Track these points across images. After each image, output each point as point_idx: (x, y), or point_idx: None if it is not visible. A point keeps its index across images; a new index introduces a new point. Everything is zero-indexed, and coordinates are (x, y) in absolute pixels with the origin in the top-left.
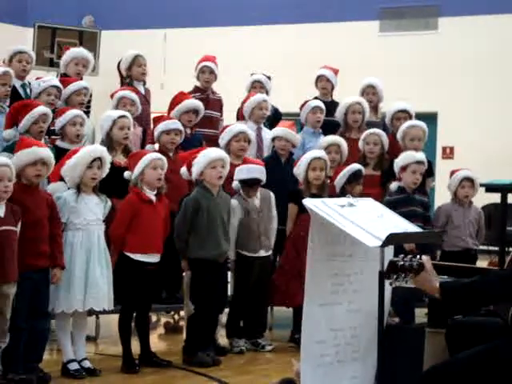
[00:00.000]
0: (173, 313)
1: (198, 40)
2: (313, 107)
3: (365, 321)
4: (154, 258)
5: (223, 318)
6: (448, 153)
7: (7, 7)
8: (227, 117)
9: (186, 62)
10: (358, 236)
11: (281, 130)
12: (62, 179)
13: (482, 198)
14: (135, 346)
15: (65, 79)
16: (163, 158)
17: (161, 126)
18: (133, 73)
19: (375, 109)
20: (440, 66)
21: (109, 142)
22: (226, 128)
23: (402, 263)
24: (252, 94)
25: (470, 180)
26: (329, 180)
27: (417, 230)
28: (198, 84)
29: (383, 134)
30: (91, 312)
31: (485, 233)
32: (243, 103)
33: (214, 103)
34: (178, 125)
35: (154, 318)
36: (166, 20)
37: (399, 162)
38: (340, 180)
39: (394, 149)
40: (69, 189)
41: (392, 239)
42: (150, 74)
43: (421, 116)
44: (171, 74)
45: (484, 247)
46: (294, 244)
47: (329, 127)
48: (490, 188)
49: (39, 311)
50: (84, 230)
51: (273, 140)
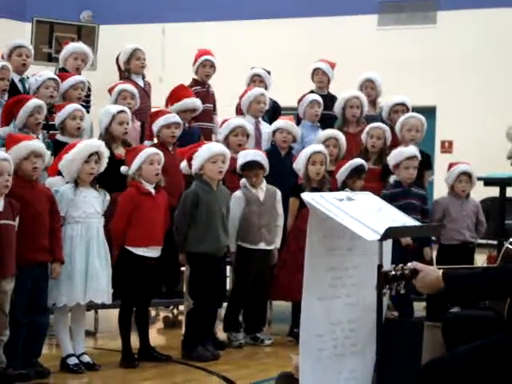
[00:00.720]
0: (172, 307)
1: (197, 34)
2: (310, 101)
3: (363, 314)
4: (154, 252)
5: (222, 312)
6: (447, 147)
7: (5, 2)
8: (226, 111)
9: (184, 57)
10: (357, 230)
11: (282, 122)
12: (60, 173)
13: (480, 192)
14: (134, 341)
15: (62, 74)
16: (160, 153)
17: (161, 121)
18: (131, 66)
19: (373, 103)
20: (439, 59)
21: (108, 136)
22: (224, 122)
23: (393, 273)
24: (250, 88)
25: (467, 174)
26: (329, 174)
27: (415, 223)
28: (196, 77)
29: (387, 128)
30: (90, 307)
31: (485, 225)
32: (241, 97)
33: (211, 97)
34: (177, 118)
35: (153, 312)
36: (165, 14)
37: (391, 160)
38: (341, 174)
39: (393, 143)
40: (67, 183)
41: (390, 233)
42: (148, 68)
43: (419, 110)
44: (170, 68)
45: (483, 241)
46: (296, 238)
47: (326, 121)
48: (488, 182)
49: (38, 306)
50: (83, 223)
51: (273, 133)
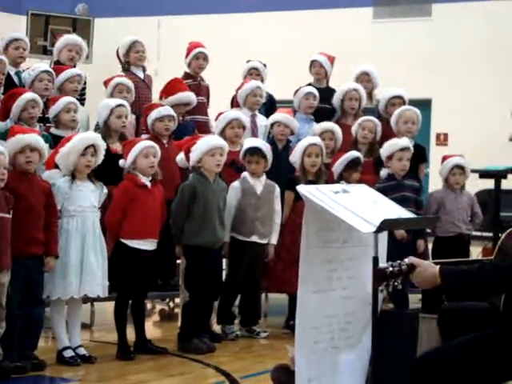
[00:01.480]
0: (168, 300)
1: (192, 27)
2: (306, 93)
3: (359, 307)
4: (150, 245)
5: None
6: (442, 139)
7: None
8: (222, 104)
9: (179, 50)
10: (352, 222)
11: (280, 115)
12: (57, 167)
13: (475, 184)
14: (130, 334)
15: (57, 67)
16: (155, 146)
17: (153, 114)
18: (130, 59)
19: (370, 96)
20: (434, 52)
21: (106, 130)
22: (220, 115)
23: (391, 270)
24: (246, 81)
25: (460, 167)
26: (325, 167)
27: (410, 215)
28: (188, 70)
29: (379, 123)
30: (86, 299)
31: (481, 217)
32: (237, 90)
33: (204, 90)
34: (171, 111)
35: (149, 305)
36: (160, 7)
37: (384, 151)
38: (338, 167)
39: (387, 135)
40: (63, 176)
41: (386, 225)
42: (147, 59)
43: (415, 103)
44: (165, 61)
45: (478, 233)
46: (291, 231)
47: (323, 114)
48: (483, 174)
49: (33, 298)
50: (79, 216)
51: (271, 126)
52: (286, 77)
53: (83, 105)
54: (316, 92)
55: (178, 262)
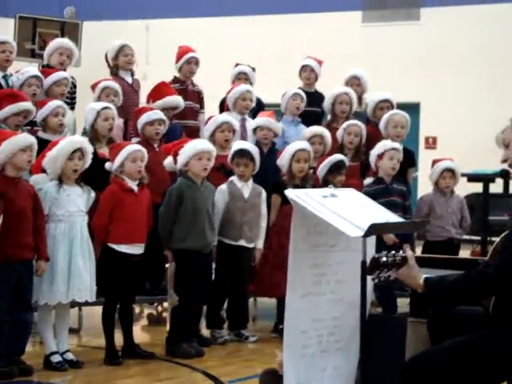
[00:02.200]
0: (156, 304)
1: (181, 31)
2: (293, 94)
3: (347, 311)
4: (138, 250)
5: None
6: (431, 143)
7: None
8: (211, 108)
9: (168, 53)
10: (340, 226)
11: (262, 119)
12: (44, 171)
13: (464, 188)
14: (118, 338)
15: (45, 70)
16: (143, 150)
17: (143, 118)
18: (119, 62)
19: (359, 99)
20: (422, 56)
21: (93, 133)
22: (210, 119)
23: (384, 259)
24: (236, 85)
25: (450, 171)
26: (312, 171)
27: (399, 220)
28: (178, 75)
29: (364, 126)
30: (74, 304)
31: (470, 222)
32: (227, 94)
33: (192, 94)
34: (161, 114)
35: (137, 309)
36: (149, 10)
37: (375, 150)
38: (321, 170)
39: (376, 139)
40: (51, 180)
41: (374, 229)
42: (136, 62)
43: (403, 106)
44: (154, 64)
45: (466, 236)
46: (278, 235)
47: (312, 117)
48: (472, 178)
49: (23, 303)
50: (66, 221)
51: (254, 130)
52: (276, 80)
53: (73, 109)
54: (303, 94)
55: (167, 265)
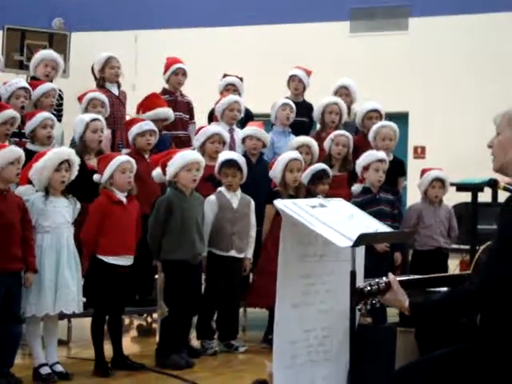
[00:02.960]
0: (145, 315)
1: (170, 41)
2: (282, 104)
3: (337, 321)
4: (126, 261)
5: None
6: (419, 152)
7: None
8: (199, 118)
9: (157, 64)
10: (329, 236)
11: (250, 129)
12: (30, 182)
13: (452, 197)
14: (108, 350)
15: (33, 82)
16: (132, 161)
17: (135, 129)
18: (105, 75)
19: (348, 109)
20: (410, 66)
21: (82, 145)
22: (200, 129)
23: (368, 289)
24: (224, 95)
25: (440, 180)
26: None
27: (387, 229)
28: (167, 86)
29: (351, 136)
30: (63, 315)
31: (457, 231)
32: (216, 104)
33: (182, 105)
34: (152, 125)
35: (126, 320)
36: (137, 21)
37: (361, 162)
38: (303, 180)
39: (365, 149)
40: (37, 192)
41: (363, 239)
42: (122, 74)
43: (392, 116)
44: (142, 75)
45: (455, 246)
46: (272, 245)
47: (300, 128)
48: (460, 187)
49: (11, 315)
50: (53, 232)
51: (243, 140)
52: (263, 90)
53: (60, 121)
54: (292, 104)
55: (156, 276)
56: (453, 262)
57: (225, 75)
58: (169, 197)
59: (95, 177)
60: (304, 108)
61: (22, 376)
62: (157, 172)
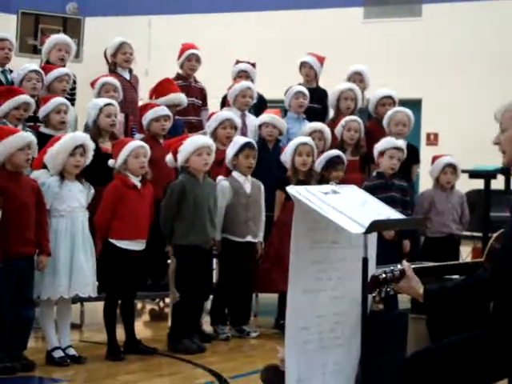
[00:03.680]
0: (158, 300)
1: (183, 27)
2: (295, 92)
3: (348, 307)
4: (139, 246)
5: (208, 304)
6: (432, 139)
7: None
8: (212, 103)
9: (170, 49)
10: (342, 223)
11: (267, 116)
12: (44, 167)
13: (465, 184)
14: (120, 334)
15: (47, 66)
16: (146, 146)
17: (150, 114)
18: (117, 60)
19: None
20: (424, 52)
21: (96, 129)
22: (212, 115)
23: (383, 276)
24: (237, 82)
25: (452, 166)
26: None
27: (400, 216)
28: (181, 71)
29: (361, 121)
30: (76, 299)
31: (469, 218)
32: (228, 90)
33: (195, 91)
34: (166, 111)
35: (139, 305)
36: (151, 6)
37: (378, 146)
38: (318, 166)
39: (378, 134)
40: (52, 176)
41: (375, 226)
42: (134, 60)
43: (405, 102)
44: (156, 60)
45: (467, 233)
46: (280, 230)
47: (314, 114)
48: (473, 174)
49: (24, 298)
50: (68, 216)
51: (259, 127)
52: (276, 76)
53: (74, 105)
54: (306, 91)
55: (169, 261)
56: (465, 250)
57: (237, 61)
58: (182, 181)
59: (110, 162)
60: (318, 94)
61: (34, 359)
62: (169, 157)
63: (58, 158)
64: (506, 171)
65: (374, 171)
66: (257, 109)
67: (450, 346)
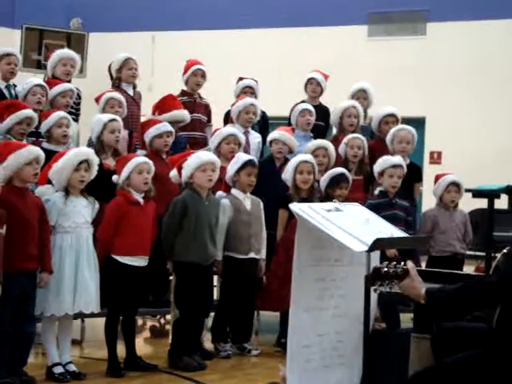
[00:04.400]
0: (159, 316)
1: (186, 43)
2: (301, 110)
3: (351, 326)
4: (141, 262)
5: (209, 321)
6: (435, 158)
7: None
8: (215, 120)
9: (174, 65)
10: (345, 241)
11: (278, 133)
12: (49, 182)
13: (468, 204)
14: (121, 350)
15: (51, 81)
16: (149, 162)
17: (152, 131)
18: (122, 75)
19: (364, 113)
20: (428, 71)
21: (99, 145)
22: (216, 131)
23: (386, 270)
24: (241, 98)
25: (456, 184)
26: (317, 184)
27: (403, 235)
28: (185, 88)
29: (364, 139)
30: (77, 315)
31: (472, 237)
32: (232, 107)
33: (200, 107)
34: (169, 127)
35: (139, 321)
36: (154, 22)
37: (376, 167)
38: (322, 183)
39: (381, 153)
40: (57, 191)
41: (378, 244)
42: (138, 76)
43: (409, 121)
44: (159, 76)
45: (471, 252)
46: (285, 249)
47: (317, 131)
48: (477, 193)
49: (26, 314)
50: (73, 232)
51: (270, 143)
52: (280, 94)
53: (77, 120)
54: (311, 108)
55: (171, 278)
56: (468, 269)
57: (240, 78)
58: (184, 197)
59: (114, 178)
60: (320, 112)
61: (35, 375)
62: (174, 173)
63: (62, 173)
64: (509, 191)
65: (376, 189)
66: (261, 126)
67: (452, 365)
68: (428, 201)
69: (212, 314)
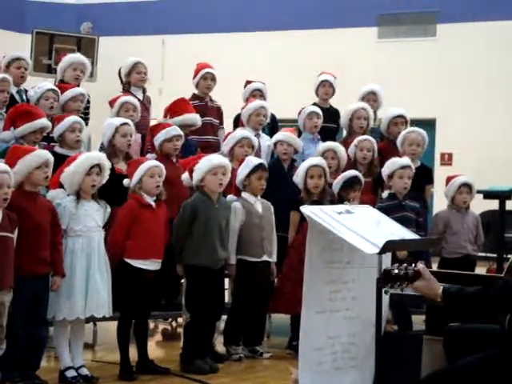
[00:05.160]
0: (171, 320)
1: (197, 46)
2: (309, 113)
3: (362, 328)
4: (154, 265)
5: (221, 324)
6: (446, 159)
7: (5, 13)
8: (225, 123)
9: (184, 69)
10: (356, 243)
11: (282, 134)
12: (61, 186)
13: (480, 205)
14: (133, 354)
15: (62, 86)
16: (161, 166)
17: (162, 135)
18: (132, 79)
19: (374, 115)
20: (438, 72)
21: (111, 149)
22: (229, 134)
23: (396, 272)
24: (251, 101)
25: (467, 186)
26: (329, 186)
27: (414, 236)
28: (196, 92)
29: (374, 141)
30: (89, 319)
31: (483, 239)
32: (242, 110)
33: (212, 110)
34: (178, 130)
35: (151, 325)
36: (165, 26)
37: (385, 170)
38: (335, 186)
39: (391, 155)
40: (68, 195)
41: (389, 246)
42: (148, 80)
43: (419, 122)
44: (169, 80)
45: (482, 254)
46: (298, 251)
47: (327, 133)
48: (488, 195)
49: (38, 318)
50: (84, 236)
51: (275, 145)
52: (290, 96)
53: (87, 124)
54: (319, 110)
55: (182, 281)
56: (480, 271)
57: (248, 82)
58: (194, 201)
59: (125, 182)
60: (331, 114)
61: (47, 379)
62: (185, 176)
63: (74, 177)
64: None
65: (385, 192)
66: (270, 129)
67: (465, 366)
68: (439, 203)
69: (224, 317)
